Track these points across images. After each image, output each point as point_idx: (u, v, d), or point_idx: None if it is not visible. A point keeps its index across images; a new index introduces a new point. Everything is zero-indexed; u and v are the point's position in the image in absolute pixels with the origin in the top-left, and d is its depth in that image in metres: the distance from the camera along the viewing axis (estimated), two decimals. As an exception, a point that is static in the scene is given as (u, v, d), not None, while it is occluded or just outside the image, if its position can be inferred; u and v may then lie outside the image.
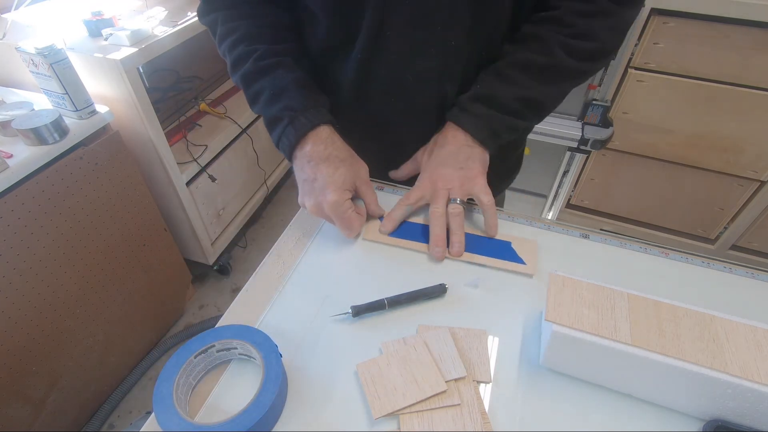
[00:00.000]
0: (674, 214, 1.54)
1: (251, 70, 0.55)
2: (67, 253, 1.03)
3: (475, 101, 0.55)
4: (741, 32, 1.12)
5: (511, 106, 0.54)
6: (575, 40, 0.52)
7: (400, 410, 0.38)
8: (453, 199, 0.54)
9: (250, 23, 0.57)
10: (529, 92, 0.54)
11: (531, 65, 0.53)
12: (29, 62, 0.93)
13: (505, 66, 0.55)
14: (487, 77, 0.56)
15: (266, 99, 0.55)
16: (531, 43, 0.54)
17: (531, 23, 0.55)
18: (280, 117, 0.54)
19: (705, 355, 0.36)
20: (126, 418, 1.27)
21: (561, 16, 0.53)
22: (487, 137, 0.55)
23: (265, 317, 0.47)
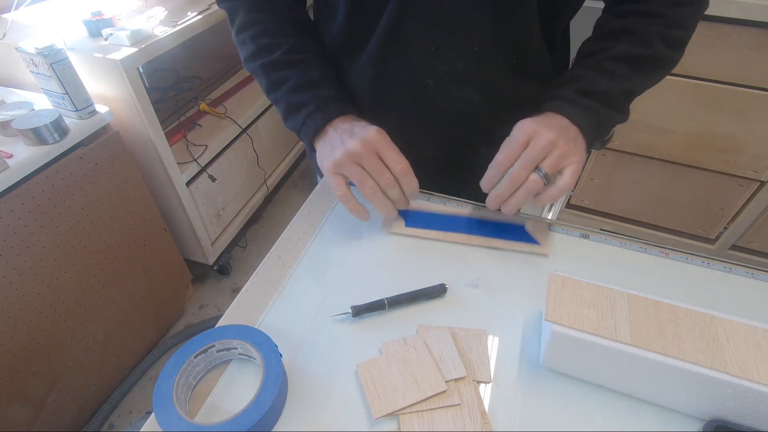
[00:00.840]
0: (674, 214, 1.53)
1: (278, 60, 0.56)
2: (67, 253, 1.03)
3: (580, 95, 0.52)
4: (741, 32, 1.12)
5: (617, 102, 0.53)
6: (669, 29, 0.51)
7: (400, 410, 0.38)
8: (539, 170, 0.48)
9: (274, 18, 0.58)
10: (631, 85, 0.53)
11: (633, 58, 0.52)
12: (29, 62, 0.93)
13: (606, 59, 0.52)
14: (587, 72, 0.53)
15: (291, 87, 0.55)
16: (628, 36, 0.52)
17: (618, 17, 0.54)
18: (306, 103, 0.54)
19: (705, 355, 0.36)
20: (126, 418, 1.27)
21: (650, 10, 0.52)
22: (592, 130, 0.52)
23: (265, 317, 0.47)
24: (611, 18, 0.55)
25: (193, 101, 1.55)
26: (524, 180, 0.48)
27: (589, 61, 0.54)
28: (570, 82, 0.53)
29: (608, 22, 0.55)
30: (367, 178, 0.50)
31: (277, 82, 0.56)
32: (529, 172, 0.48)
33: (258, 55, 0.57)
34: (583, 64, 0.55)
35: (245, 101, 1.63)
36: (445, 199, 0.61)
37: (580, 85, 0.52)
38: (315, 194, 0.63)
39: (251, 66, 0.58)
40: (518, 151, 0.49)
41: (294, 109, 0.55)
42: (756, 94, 1.19)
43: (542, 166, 0.48)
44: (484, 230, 0.55)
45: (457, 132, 0.62)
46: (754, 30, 1.10)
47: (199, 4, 1.32)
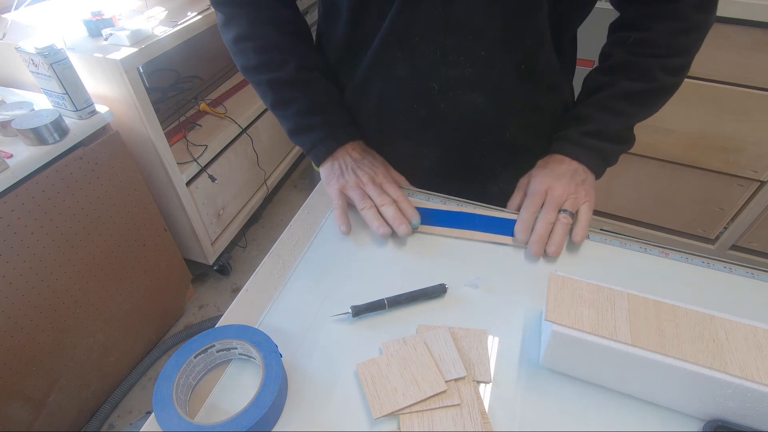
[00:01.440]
0: (674, 214, 1.53)
1: (286, 79, 0.58)
2: (67, 253, 1.03)
3: (587, 136, 0.57)
4: (741, 32, 1.12)
5: (622, 136, 0.58)
6: (671, 59, 0.53)
7: (400, 410, 0.38)
8: (564, 210, 0.55)
9: (278, 31, 0.58)
10: (636, 119, 0.57)
11: (635, 94, 0.55)
12: (29, 62, 0.93)
13: (610, 98, 0.56)
14: (592, 112, 0.58)
15: (300, 109, 0.58)
16: (630, 72, 0.55)
17: (621, 48, 0.56)
18: (316, 127, 0.58)
19: (705, 355, 0.36)
20: (126, 418, 1.27)
21: (655, 39, 0.53)
22: (601, 167, 0.59)
23: (265, 317, 0.47)
24: (615, 48, 0.57)
25: (193, 101, 1.55)
26: (554, 220, 0.54)
27: (593, 100, 0.58)
28: (576, 123, 0.59)
29: (613, 53, 0.57)
30: (366, 198, 0.56)
31: (285, 102, 0.59)
32: (557, 213, 0.55)
33: (264, 69, 0.58)
34: (587, 103, 0.59)
35: (245, 101, 1.63)
36: (445, 199, 0.61)
37: (585, 127, 0.58)
38: (315, 194, 0.63)
39: (255, 78, 0.59)
40: (539, 201, 0.56)
41: (303, 131, 0.59)
42: (756, 94, 1.19)
43: (565, 207, 0.55)
44: (490, 226, 0.56)
45: (461, 137, 0.62)
46: (754, 30, 1.10)
47: (199, 4, 1.32)
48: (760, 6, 1.06)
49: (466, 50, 0.52)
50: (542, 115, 0.61)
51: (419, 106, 0.59)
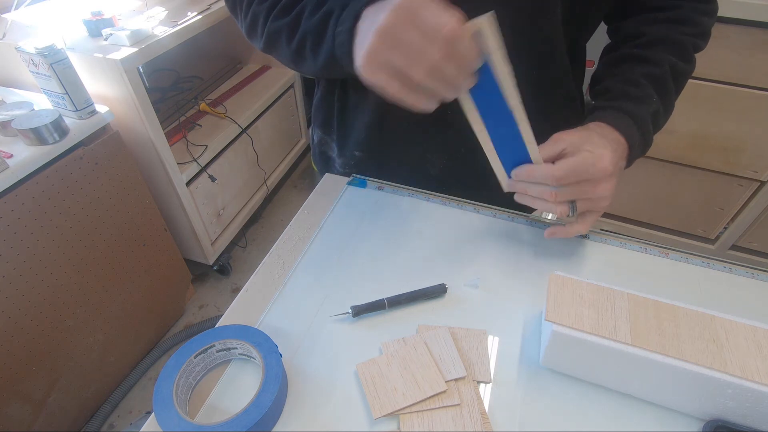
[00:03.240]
0: (674, 214, 1.53)
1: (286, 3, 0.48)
2: (67, 253, 1.03)
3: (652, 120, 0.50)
4: (741, 32, 1.12)
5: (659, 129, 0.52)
6: (699, 39, 0.51)
7: (400, 410, 0.38)
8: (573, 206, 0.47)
9: None
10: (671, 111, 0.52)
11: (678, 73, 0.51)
12: (29, 62, 0.93)
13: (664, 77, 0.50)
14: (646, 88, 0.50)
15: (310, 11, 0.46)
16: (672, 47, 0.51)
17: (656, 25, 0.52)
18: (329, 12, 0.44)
19: (705, 355, 0.36)
20: (126, 418, 1.27)
21: (686, 16, 0.51)
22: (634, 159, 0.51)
23: (265, 317, 0.47)
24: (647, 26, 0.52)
25: (193, 101, 1.55)
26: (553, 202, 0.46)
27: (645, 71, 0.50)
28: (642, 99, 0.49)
29: (647, 32, 0.52)
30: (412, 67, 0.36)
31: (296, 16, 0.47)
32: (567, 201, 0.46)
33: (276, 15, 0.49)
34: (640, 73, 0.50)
35: (245, 101, 1.63)
36: (446, 200, 0.61)
37: (653, 109, 0.49)
38: (315, 194, 0.63)
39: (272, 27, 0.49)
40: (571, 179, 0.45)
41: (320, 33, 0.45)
42: (756, 94, 1.19)
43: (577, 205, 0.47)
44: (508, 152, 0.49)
45: (467, 144, 0.60)
46: (754, 30, 1.10)
47: (199, 4, 1.32)
48: (760, 6, 1.06)
49: None
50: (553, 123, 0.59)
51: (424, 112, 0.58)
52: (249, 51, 1.85)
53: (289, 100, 1.85)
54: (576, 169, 0.44)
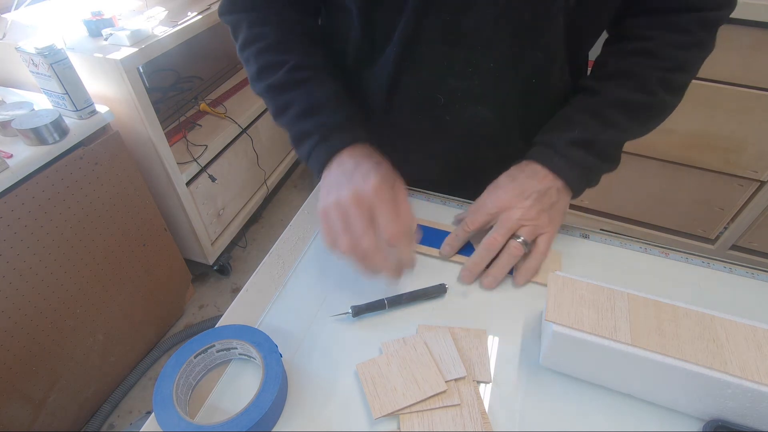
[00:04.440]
0: (674, 214, 1.53)
1: (282, 81, 0.51)
2: (67, 253, 1.03)
3: (573, 146, 0.50)
4: (741, 32, 1.12)
5: (610, 153, 0.51)
6: (672, 73, 0.49)
7: (400, 410, 0.38)
8: (518, 236, 0.48)
9: (278, 30, 0.53)
10: (627, 135, 0.51)
11: (630, 105, 0.50)
12: (29, 62, 0.93)
13: (603, 105, 0.50)
14: (581, 117, 0.51)
15: (296, 113, 0.51)
16: (626, 80, 0.50)
17: (620, 56, 0.52)
18: (311, 132, 0.50)
19: (705, 355, 0.36)
20: (126, 418, 1.27)
21: (656, 49, 0.49)
22: (581, 186, 0.51)
23: (265, 317, 0.47)
24: (612, 57, 0.52)
25: (193, 101, 1.55)
26: (500, 245, 0.48)
27: (585, 104, 0.52)
28: (561, 128, 0.51)
29: (609, 62, 0.52)
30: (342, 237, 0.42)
31: (283, 107, 0.52)
32: (506, 238, 0.48)
33: (262, 74, 0.53)
34: (577, 106, 0.52)
35: (245, 101, 1.63)
36: (445, 200, 0.61)
37: (572, 134, 0.50)
38: (315, 194, 0.63)
39: (257, 87, 0.54)
40: (485, 220, 0.50)
41: (300, 140, 0.51)
42: (756, 94, 1.19)
43: (520, 234, 0.48)
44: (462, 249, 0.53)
45: (466, 150, 0.61)
46: (754, 30, 1.10)
47: (199, 4, 1.32)
48: (760, 6, 1.06)
49: (473, 62, 0.51)
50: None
51: (424, 116, 0.57)
52: (249, 51, 1.84)
53: (289, 100, 1.85)
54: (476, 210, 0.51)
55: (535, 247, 0.49)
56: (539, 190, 0.49)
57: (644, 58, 0.50)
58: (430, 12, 0.47)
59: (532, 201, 0.49)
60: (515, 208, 0.49)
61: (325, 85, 0.52)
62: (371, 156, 0.48)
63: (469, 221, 0.50)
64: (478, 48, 0.49)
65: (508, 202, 0.49)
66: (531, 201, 0.49)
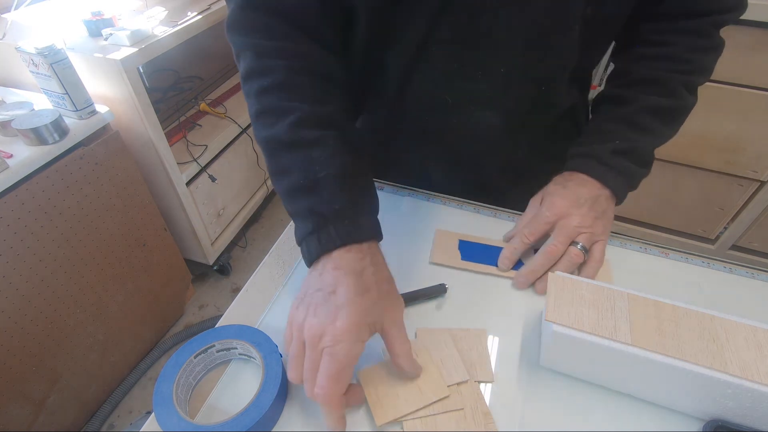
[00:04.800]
0: (674, 214, 1.53)
1: (282, 138, 0.42)
2: (67, 253, 1.03)
3: (616, 155, 0.51)
4: (741, 32, 1.12)
5: (647, 158, 0.52)
6: (694, 76, 0.51)
7: (403, 417, 0.38)
8: (576, 243, 0.49)
9: (288, 66, 0.44)
10: (661, 139, 0.52)
11: (661, 110, 0.51)
12: (29, 62, 0.93)
13: (637, 113, 0.51)
14: (619, 127, 0.52)
15: (292, 185, 0.41)
16: (654, 87, 0.51)
17: (641, 63, 0.52)
18: (305, 216, 0.41)
19: (705, 355, 0.36)
20: (126, 418, 1.27)
21: (678, 54, 0.50)
22: (625, 193, 0.52)
23: (265, 317, 0.47)
24: (634, 64, 0.53)
25: (193, 101, 1.55)
26: (562, 252, 0.48)
27: (618, 114, 0.52)
28: (601, 139, 0.52)
29: (632, 70, 0.53)
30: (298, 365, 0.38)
31: (279, 171, 0.43)
32: (566, 246, 0.48)
33: (262, 119, 0.44)
34: (611, 117, 0.53)
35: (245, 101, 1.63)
36: (446, 200, 0.61)
37: (613, 144, 0.51)
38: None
39: (255, 133, 0.45)
40: (544, 230, 0.50)
41: (294, 218, 0.43)
42: (756, 94, 1.19)
43: (578, 240, 0.48)
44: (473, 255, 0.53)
45: (471, 154, 0.60)
46: (754, 30, 1.10)
47: (199, 4, 1.32)
48: (760, 6, 1.06)
49: (484, 65, 0.50)
50: (557, 138, 0.58)
51: (431, 117, 0.57)
52: (249, 51, 1.84)
53: (289, 100, 1.85)
54: (535, 221, 0.51)
55: (591, 254, 0.49)
56: (591, 197, 0.50)
57: (667, 63, 0.50)
58: (446, 12, 0.47)
59: (587, 208, 0.49)
60: (573, 216, 0.49)
61: (329, 155, 0.42)
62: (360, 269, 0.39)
63: (527, 232, 0.50)
64: (491, 52, 0.49)
65: (565, 210, 0.49)
66: (586, 208, 0.49)
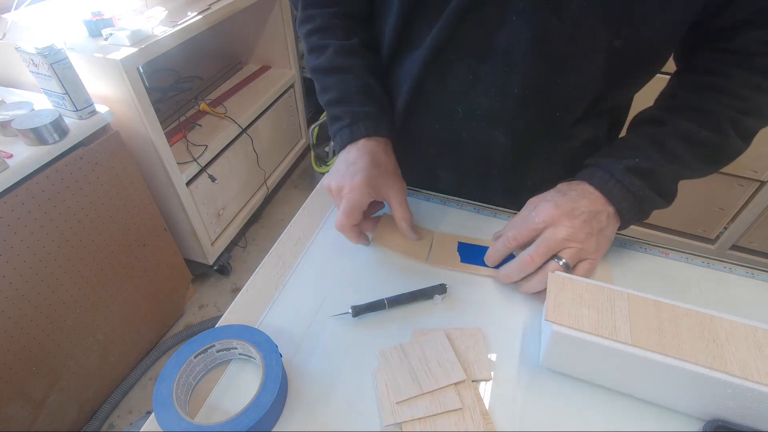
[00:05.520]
0: (674, 214, 1.53)
1: (323, 66, 0.56)
2: (67, 253, 1.03)
3: (631, 173, 0.45)
4: (741, 32, 1.11)
5: (667, 187, 0.47)
6: (746, 116, 0.45)
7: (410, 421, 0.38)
8: (560, 258, 0.45)
9: (325, 13, 0.57)
10: (688, 172, 0.47)
11: (697, 140, 0.46)
12: (29, 62, 0.93)
13: (668, 137, 0.46)
14: (644, 144, 0.47)
15: (332, 98, 0.55)
16: (696, 114, 0.46)
17: (690, 89, 0.48)
18: (340, 117, 0.54)
19: (705, 355, 0.36)
20: (126, 418, 1.27)
21: (732, 88, 0.45)
22: (632, 217, 0.47)
23: (265, 317, 0.47)
24: (682, 90, 0.49)
25: (193, 101, 1.55)
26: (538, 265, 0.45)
27: (647, 132, 0.48)
28: (621, 154, 0.47)
29: (678, 94, 0.49)
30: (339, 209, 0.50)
31: (323, 90, 0.57)
32: (545, 259, 0.45)
33: (310, 55, 0.58)
34: (639, 134, 0.49)
35: (245, 101, 1.63)
36: (446, 200, 0.61)
37: (632, 161, 0.46)
38: (315, 194, 0.63)
39: (307, 65, 0.59)
40: (530, 236, 0.46)
41: (332, 121, 0.56)
42: (756, 94, 1.19)
43: (562, 255, 0.45)
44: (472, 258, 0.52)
45: (477, 170, 0.60)
46: (754, 30, 1.10)
47: (199, 4, 1.32)
48: (760, 6, 1.06)
49: (498, 82, 0.49)
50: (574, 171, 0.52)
51: (442, 128, 0.57)
52: (249, 51, 1.85)
53: (289, 100, 1.86)
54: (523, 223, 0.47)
55: (574, 272, 0.45)
56: (591, 211, 0.45)
57: (717, 94, 0.46)
58: (467, 22, 0.47)
59: (581, 222, 0.45)
60: (562, 226, 0.44)
61: (357, 77, 0.55)
62: (376, 153, 0.52)
63: (511, 237, 0.47)
64: (506, 70, 0.48)
65: (556, 219, 0.45)
66: (580, 222, 0.44)
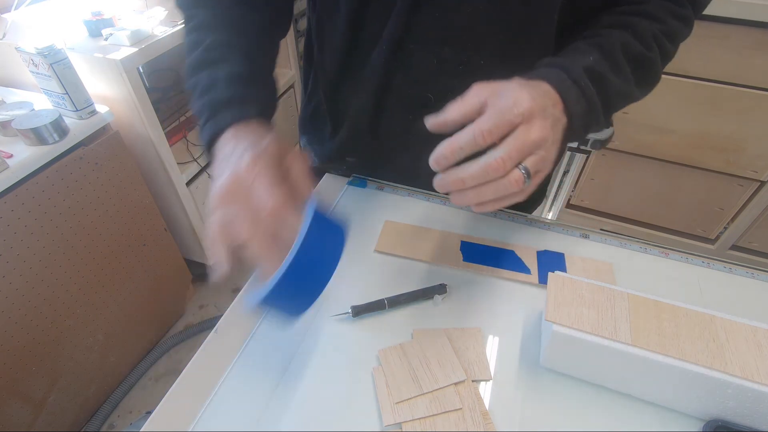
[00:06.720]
0: (674, 214, 1.53)
1: (195, 61, 0.47)
2: (67, 253, 1.03)
3: (587, 74, 0.40)
4: (741, 32, 1.12)
5: (612, 101, 0.43)
6: (664, 36, 0.46)
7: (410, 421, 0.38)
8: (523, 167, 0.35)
9: (207, 12, 0.51)
10: (627, 87, 0.44)
11: (632, 51, 0.44)
12: (29, 62, 0.93)
13: (612, 46, 0.43)
14: (594, 52, 0.43)
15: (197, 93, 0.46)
16: (625, 30, 0.45)
17: (613, 14, 0.48)
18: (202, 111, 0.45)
19: (705, 355, 0.36)
20: (126, 418, 1.27)
21: (651, 11, 0.46)
22: (575, 132, 0.41)
23: (265, 317, 0.47)
24: (606, 15, 0.49)
25: (193, 101, 1.54)
26: (506, 173, 0.35)
27: (593, 42, 0.44)
28: (576, 57, 0.42)
29: (603, 19, 0.49)
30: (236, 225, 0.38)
31: (192, 87, 0.47)
32: (516, 164, 0.35)
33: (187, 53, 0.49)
34: (588, 42, 0.45)
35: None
36: (445, 199, 0.61)
37: (588, 62, 0.41)
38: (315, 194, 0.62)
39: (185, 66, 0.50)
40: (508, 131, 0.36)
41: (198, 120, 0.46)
42: (756, 94, 1.19)
43: (526, 162, 0.36)
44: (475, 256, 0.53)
45: None
46: (754, 30, 1.10)
47: (199, 4, 1.32)
48: (760, 6, 1.06)
49: (464, 60, 0.50)
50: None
51: (415, 116, 0.56)
52: (249, 51, 1.85)
53: (288, 100, 1.85)
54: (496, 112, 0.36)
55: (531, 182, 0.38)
56: (555, 116, 0.38)
57: (639, 17, 0.47)
58: (421, 9, 0.47)
59: (550, 124, 0.37)
60: (536, 126, 0.36)
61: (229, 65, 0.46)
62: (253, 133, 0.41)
63: (487, 129, 0.35)
64: (470, 45, 0.49)
65: (534, 114, 0.36)
66: (550, 124, 0.37)
